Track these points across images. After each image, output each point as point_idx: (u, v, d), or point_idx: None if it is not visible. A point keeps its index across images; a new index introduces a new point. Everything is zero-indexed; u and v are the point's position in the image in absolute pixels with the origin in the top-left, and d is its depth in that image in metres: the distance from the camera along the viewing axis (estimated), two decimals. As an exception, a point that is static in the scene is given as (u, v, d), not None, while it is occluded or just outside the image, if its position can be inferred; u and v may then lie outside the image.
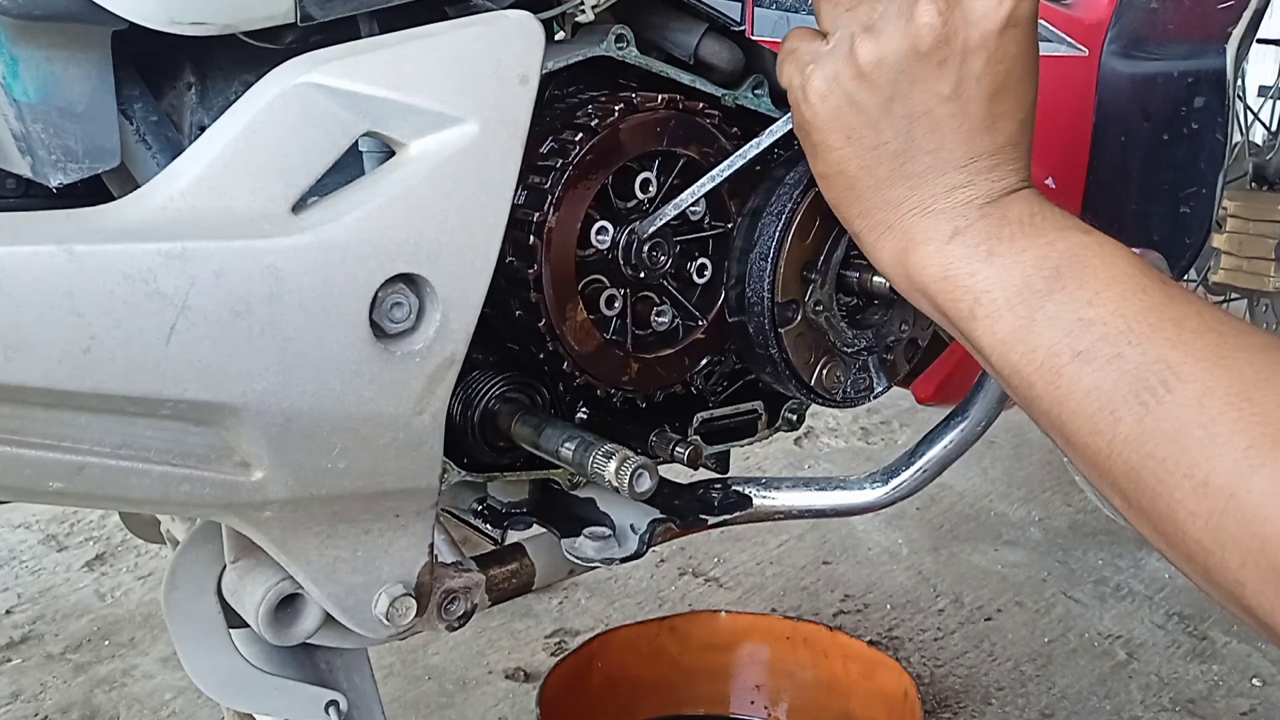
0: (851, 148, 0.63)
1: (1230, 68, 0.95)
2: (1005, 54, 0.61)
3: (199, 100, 0.69)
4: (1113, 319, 0.54)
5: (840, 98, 0.63)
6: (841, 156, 0.64)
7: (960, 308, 0.60)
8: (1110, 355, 0.53)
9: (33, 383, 0.50)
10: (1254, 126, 2.86)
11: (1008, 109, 0.62)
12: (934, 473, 0.88)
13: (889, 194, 0.63)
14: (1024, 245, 0.59)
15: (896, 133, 0.62)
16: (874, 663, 1.56)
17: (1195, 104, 0.96)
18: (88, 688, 1.77)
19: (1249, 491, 0.47)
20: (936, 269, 0.61)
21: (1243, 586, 0.47)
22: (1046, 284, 0.56)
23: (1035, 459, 2.61)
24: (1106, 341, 0.53)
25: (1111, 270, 0.56)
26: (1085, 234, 0.59)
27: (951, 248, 0.61)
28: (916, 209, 0.62)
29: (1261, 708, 1.72)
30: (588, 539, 0.79)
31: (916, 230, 0.62)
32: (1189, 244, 0.98)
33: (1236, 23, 0.96)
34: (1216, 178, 0.96)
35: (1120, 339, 0.53)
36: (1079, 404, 0.54)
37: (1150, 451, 0.51)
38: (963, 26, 0.60)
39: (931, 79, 0.61)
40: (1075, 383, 0.54)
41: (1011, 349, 0.57)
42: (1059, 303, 0.56)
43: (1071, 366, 0.54)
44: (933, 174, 0.62)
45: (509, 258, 0.70)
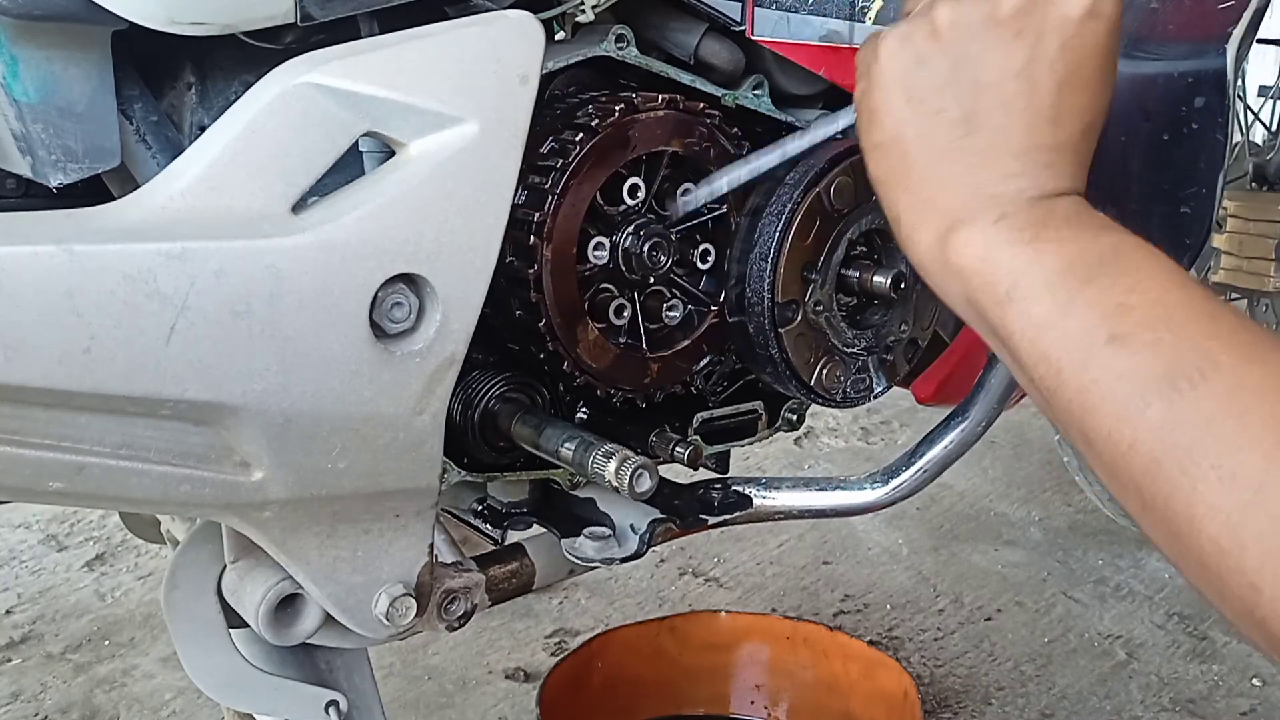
0: (912, 110, 0.63)
1: (1230, 68, 0.95)
2: (1082, 44, 0.60)
3: (199, 100, 0.69)
4: (1153, 307, 0.53)
5: (910, 56, 0.62)
6: (900, 120, 0.63)
7: (997, 290, 0.59)
8: (1148, 340, 0.52)
9: (33, 383, 0.50)
10: (1254, 126, 2.86)
11: (1076, 106, 0.61)
12: (934, 473, 0.88)
13: (941, 170, 0.62)
14: (1068, 235, 0.58)
15: (960, 100, 0.61)
16: (874, 663, 1.55)
17: (1195, 104, 0.96)
18: (88, 688, 1.77)
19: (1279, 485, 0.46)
20: (977, 250, 0.60)
21: (1258, 593, 0.46)
22: (1088, 271, 0.56)
23: (1035, 459, 2.61)
24: (1145, 327, 0.53)
25: (1153, 265, 0.56)
26: (1131, 235, 0.58)
27: (996, 230, 0.60)
28: (966, 190, 0.62)
29: (1261, 708, 1.72)
30: (588, 539, 0.79)
31: (963, 211, 0.61)
32: (1189, 244, 0.98)
33: (1236, 23, 0.96)
34: (1216, 178, 0.96)
35: (1160, 325, 0.52)
36: (1109, 389, 0.53)
37: (1177, 440, 0.50)
38: (1045, 2, 0.60)
39: (1005, 49, 0.60)
40: (1109, 367, 0.53)
41: (1044, 333, 0.56)
42: (1100, 288, 0.55)
43: (1107, 350, 0.53)
44: (990, 155, 0.61)
45: (509, 258, 0.70)
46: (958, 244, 0.61)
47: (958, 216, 0.62)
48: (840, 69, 0.83)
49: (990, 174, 0.61)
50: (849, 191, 0.77)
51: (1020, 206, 0.60)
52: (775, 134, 0.84)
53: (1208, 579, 0.49)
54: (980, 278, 0.60)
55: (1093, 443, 0.54)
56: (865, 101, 0.65)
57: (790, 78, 0.83)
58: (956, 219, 0.62)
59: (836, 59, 0.83)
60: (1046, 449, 2.58)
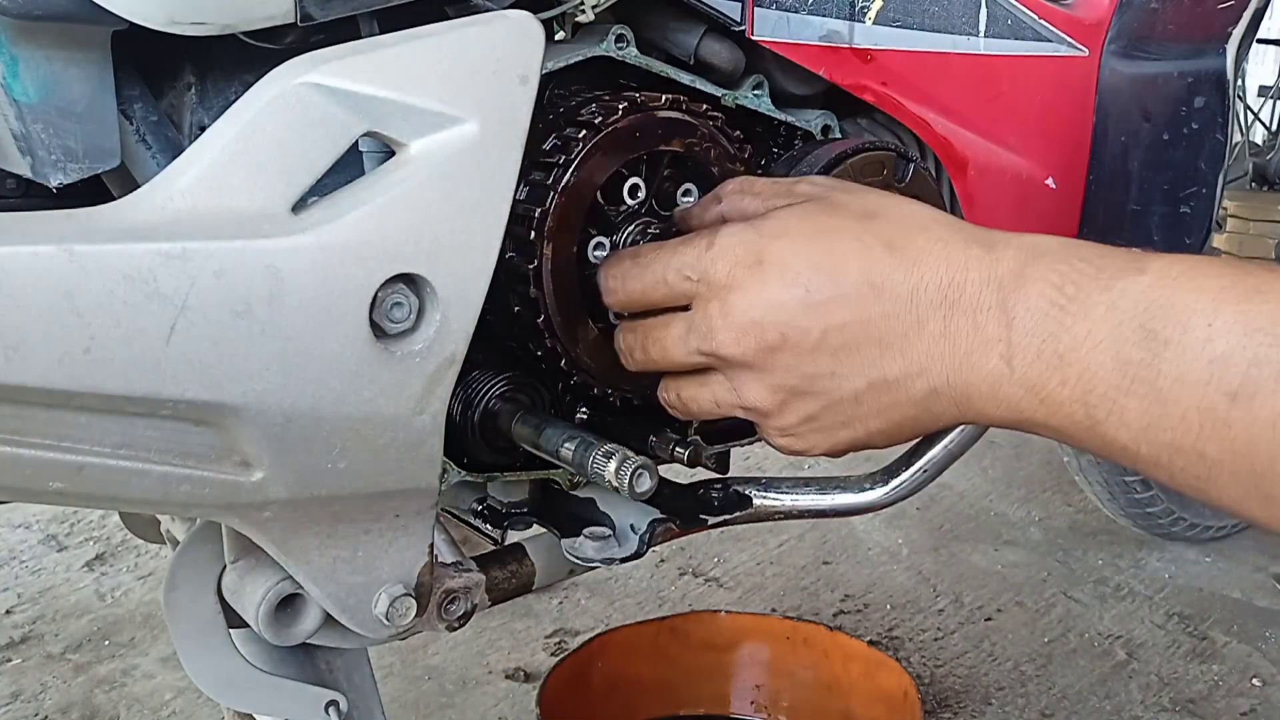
0: (825, 393, 0.61)
1: (1230, 68, 0.95)
2: (788, 290, 0.59)
3: (199, 100, 0.69)
4: (1242, 340, 0.47)
5: (788, 390, 0.61)
6: (820, 412, 0.62)
7: (1075, 421, 0.53)
8: (1275, 375, 0.46)
9: (33, 383, 0.50)
10: (1254, 126, 2.86)
11: (849, 288, 0.58)
12: (934, 473, 0.88)
13: (884, 395, 0.60)
14: (1087, 329, 0.52)
15: (844, 357, 0.59)
16: (874, 663, 1.55)
17: (1195, 104, 0.96)
18: (88, 688, 1.77)
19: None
20: (1014, 407, 0.56)
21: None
22: (1145, 349, 0.50)
23: (1035, 459, 2.61)
24: (1256, 366, 0.47)
25: (1199, 295, 0.49)
26: (1138, 273, 0.51)
27: (1013, 385, 0.55)
28: (938, 373, 0.58)
29: (1261, 708, 1.72)
30: (588, 539, 0.79)
31: (957, 390, 0.58)
32: (1189, 244, 0.98)
33: (1236, 23, 0.96)
34: (1216, 178, 0.96)
35: (1275, 353, 0.46)
36: (1271, 442, 0.47)
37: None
38: (742, 317, 0.60)
39: (797, 338, 0.59)
40: (1252, 424, 0.47)
41: (1156, 432, 0.50)
42: (1175, 360, 0.49)
43: (1237, 410, 0.47)
44: (908, 335, 0.58)
45: (509, 254, 0.70)
46: (987, 414, 0.57)
47: (961, 395, 0.58)
48: (840, 69, 0.83)
49: (934, 352, 0.57)
50: (849, 191, 0.77)
51: (1008, 342, 0.55)
52: (775, 134, 0.85)
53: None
54: (1048, 419, 0.55)
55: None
56: (802, 432, 0.64)
57: (790, 78, 0.83)
58: (964, 396, 0.57)
59: (836, 59, 0.83)
60: (1047, 449, 2.58)
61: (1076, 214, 1.03)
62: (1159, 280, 0.50)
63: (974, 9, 0.90)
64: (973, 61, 0.91)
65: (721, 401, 0.65)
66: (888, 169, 0.79)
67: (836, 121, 0.85)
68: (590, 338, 0.73)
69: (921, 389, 0.59)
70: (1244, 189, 2.84)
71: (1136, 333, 0.50)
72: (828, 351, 0.59)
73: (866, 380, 0.59)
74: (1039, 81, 0.96)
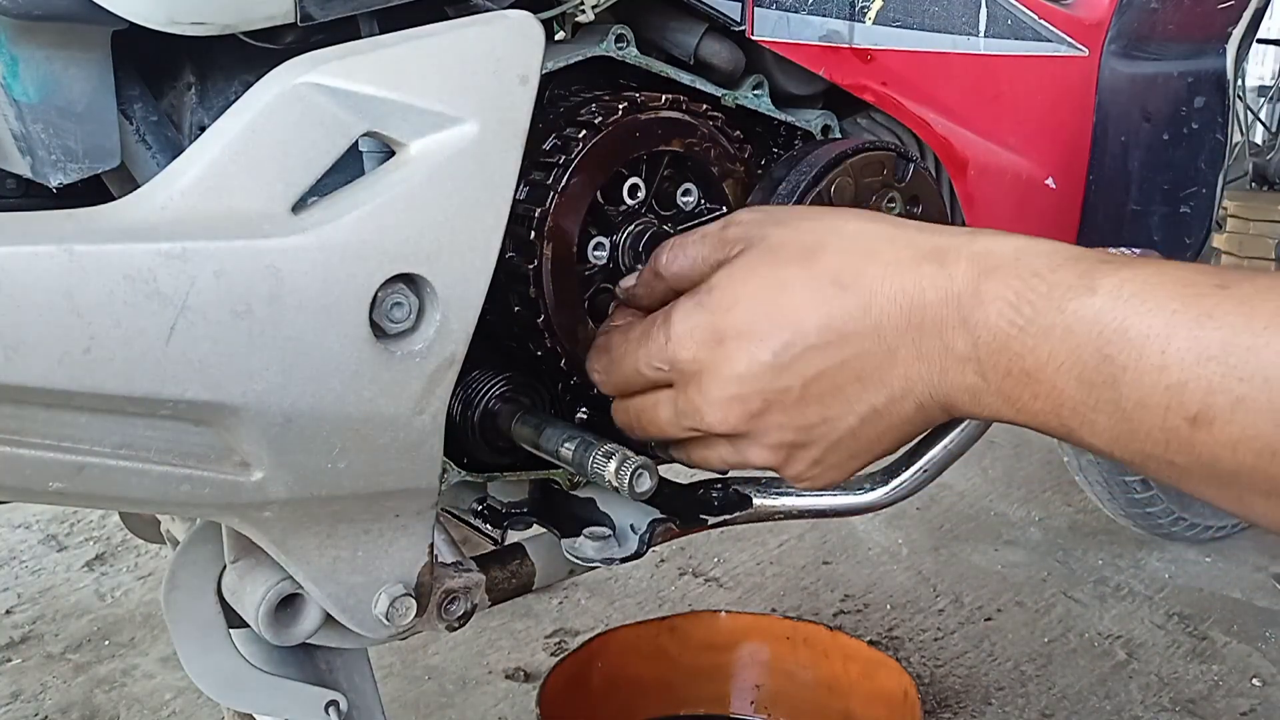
0: (822, 435, 0.62)
1: (1230, 68, 0.95)
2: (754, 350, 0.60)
3: (199, 100, 0.69)
4: (1195, 370, 0.47)
5: (788, 445, 0.62)
6: (822, 448, 0.62)
7: (1053, 428, 0.54)
8: (1230, 402, 0.46)
9: (33, 383, 0.50)
10: (1254, 126, 2.86)
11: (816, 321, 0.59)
12: (934, 473, 0.88)
13: (872, 426, 0.61)
14: (1048, 350, 0.52)
15: (830, 401, 0.60)
16: (874, 663, 1.55)
17: (1195, 104, 0.96)
18: (88, 688, 1.77)
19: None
20: (996, 413, 0.56)
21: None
22: (1104, 373, 0.50)
23: (1035, 459, 2.61)
24: (1211, 394, 0.47)
25: (1150, 319, 0.49)
26: (1089, 293, 0.51)
27: (991, 396, 0.56)
28: (921, 391, 0.59)
29: (1261, 708, 1.72)
30: (588, 539, 0.79)
31: (941, 402, 0.58)
32: (1189, 244, 0.98)
33: (1236, 23, 0.96)
34: (1216, 178, 0.96)
35: (1228, 383, 0.46)
36: (1232, 460, 0.47)
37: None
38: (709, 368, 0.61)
39: (780, 390, 0.60)
40: (1214, 445, 0.48)
41: (1126, 443, 0.51)
42: (1134, 385, 0.49)
43: (1199, 434, 0.48)
44: (887, 377, 0.59)
45: (509, 253, 0.70)
46: (976, 414, 0.58)
47: (946, 404, 0.58)
48: (840, 69, 0.83)
49: (916, 377, 0.58)
50: (849, 192, 0.77)
51: (974, 364, 0.55)
52: (775, 134, 0.85)
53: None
54: (1024, 422, 0.55)
55: (1255, 491, 0.48)
56: (799, 461, 0.64)
57: (790, 78, 0.83)
58: (948, 404, 0.58)
59: (836, 59, 0.83)
60: (1046, 449, 2.58)
61: (1076, 214, 1.03)
62: (1110, 302, 0.50)
63: (974, 9, 0.90)
64: (973, 61, 0.91)
65: (729, 462, 0.66)
66: (888, 169, 0.79)
67: (836, 121, 0.85)
68: (590, 338, 0.73)
69: (910, 408, 0.60)
70: (1244, 189, 2.84)
71: (1094, 356, 0.50)
72: (813, 400, 0.60)
73: (857, 416, 0.60)
74: (1039, 81, 0.96)
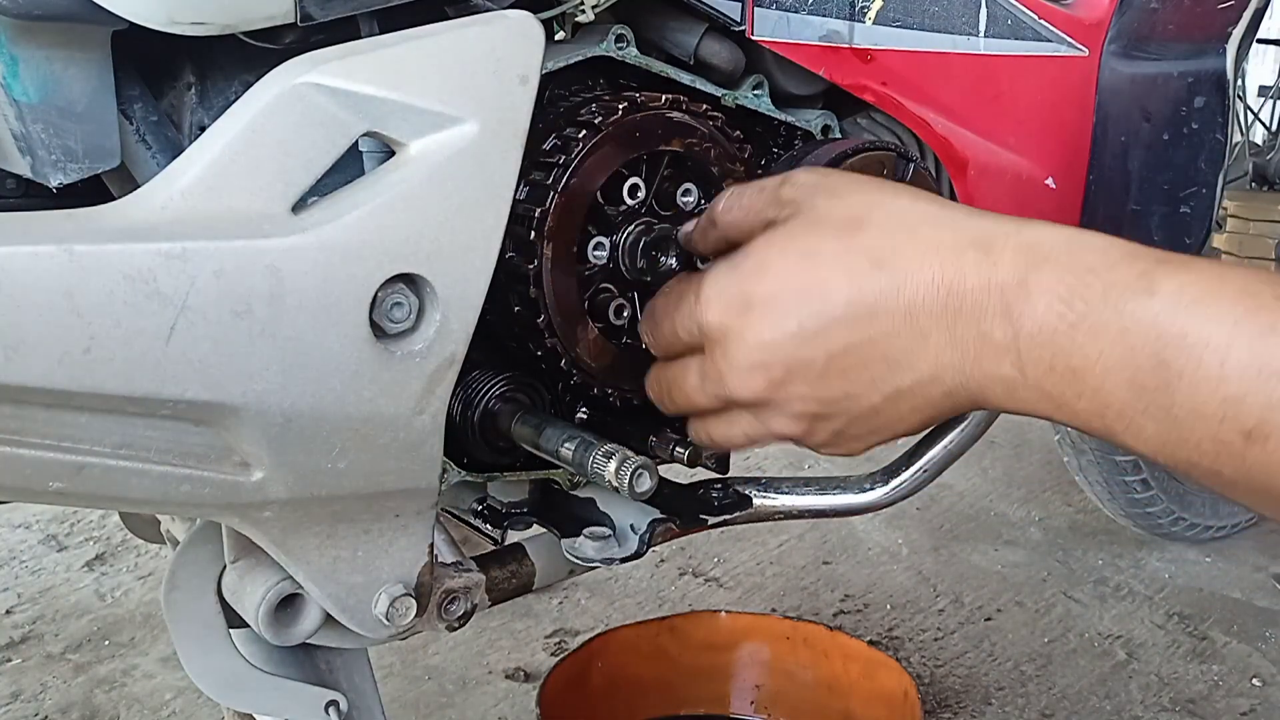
0: (851, 408, 0.61)
1: (1230, 68, 0.95)
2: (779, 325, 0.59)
3: (199, 100, 0.69)
4: (1256, 383, 0.46)
5: (810, 416, 0.62)
6: (851, 423, 0.62)
7: (1093, 428, 0.53)
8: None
9: (33, 383, 0.50)
10: (1254, 126, 2.86)
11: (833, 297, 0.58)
12: (934, 473, 0.88)
13: (897, 404, 0.60)
14: (1099, 350, 0.51)
15: (854, 377, 0.59)
16: (874, 663, 1.55)
17: (1195, 104, 0.96)
18: (88, 688, 1.77)
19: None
20: (1032, 408, 0.55)
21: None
22: (1159, 378, 0.49)
23: (1035, 459, 2.61)
24: (1271, 409, 0.46)
25: (1212, 328, 0.48)
26: (1148, 295, 0.50)
27: (1028, 390, 0.54)
28: (951, 378, 0.58)
29: (1261, 708, 1.72)
30: (588, 539, 0.79)
31: (973, 391, 0.57)
32: (1189, 244, 0.98)
33: (1236, 23, 0.96)
34: (1216, 178, 0.96)
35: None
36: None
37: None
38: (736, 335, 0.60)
39: (802, 362, 0.59)
40: (1268, 461, 0.47)
41: (1173, 450, 0.50)
42: (1189, 393, 0.48)
43: (1253, 448, 0.47)
44: (911, 344, 0.58)
45: (509, 253, 0.70)
46: (1008, 407, 0.57)
47: (976, 393, 0.57)
48: (840, 69, 0.83)
49: (947, 364, 0.57)
50: (849, 191, 0.77)
51: (1015, 361, 0.54)
52: (775, 134, 0.85)
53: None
54: (1060, 418, 0.54)
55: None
56: (832, 435, 0.63)
57: (790, 78, 0.83)
58: (979, 391, 0.57)
59: (836, 59, 0.83)
60: (1046, 449, 2.58)
61: (1076, 214, 1.03)
62: (1170, 306, 0.49)
63: (974, 9, 0.90)
64: (973, 61, 0.91)
65: (752, 435, 0.66)
66: (888, 169, 0.79)
67: (836, 121, 0.85)
68: (590, 338, 0.73)
69: (937, 392, 0.59)
70: (1244, 189, 2.84)
71: (1150, 360, 0.49)
72: (836, 374, 0.59)
73: (881, 394, 0.60)
74: (1039, 81, 0.96)
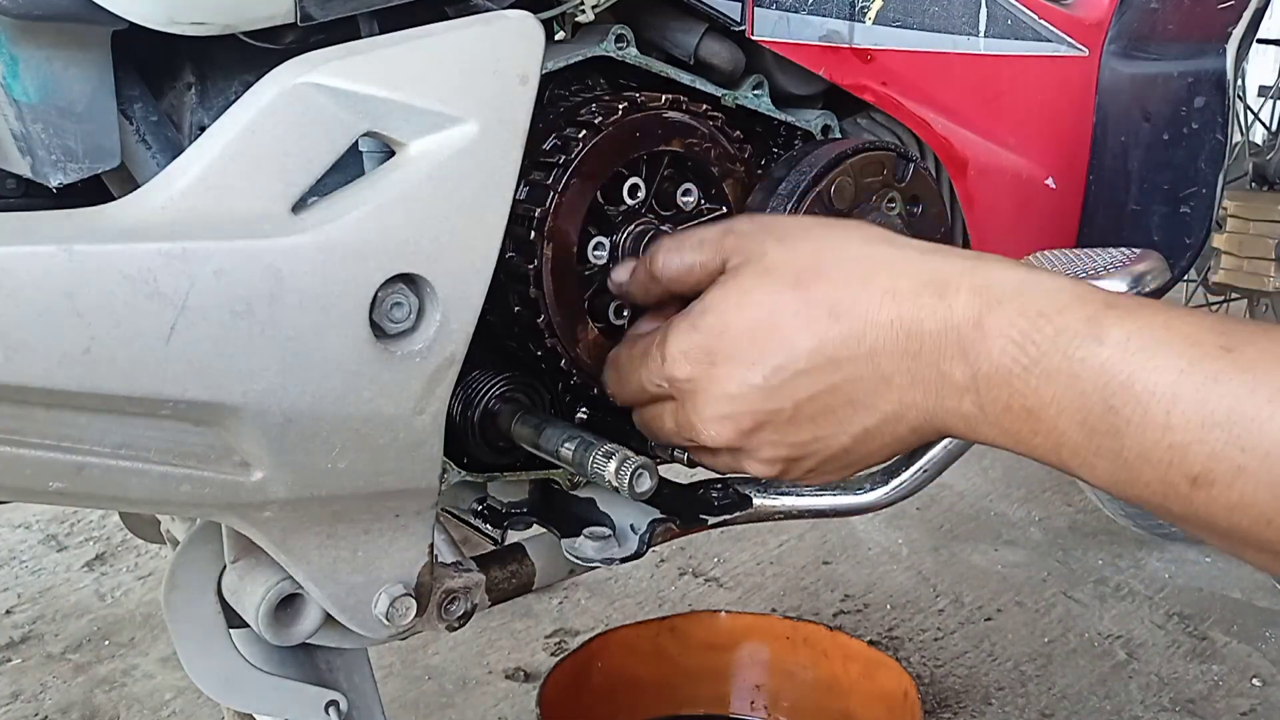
0: (819, 448, 0.63)
1: (1230, 68, 0.95)
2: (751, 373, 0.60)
3: (199, 100, 0.69)
4: (1200, 433, 0.48)
5: (783, 459, 0.63)
6: (827, 457, 0.63)
7: (1051, 462, 0.55)
8: (1232, 470, 0.47)
9: (33, 383, 0.50)
10: (1254, 126, 2.86)
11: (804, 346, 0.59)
12: (934, 473, 0.88)
13: (871, 441, 0.61)
14: (1052, 393, 0.52)
15: (822, 421, 0.61)
16: (874, 663, 1.55)
17: (1195, 104, 0.96)
18: (88, 688, 1.77)
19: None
20: (992, 442, 0.57)
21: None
22: (1108, 423, 0.51)
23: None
24: (1214, 459, 0.48)
25: (1156, 377, 0.49)
26: (1096, 343, 0.51)
27: (988, 426, 0.56)
28: (915, 416, 0.59)
29: (1261, 708, 1.72)
30: (588, 539, 0.79)
31: (936, 426, 0.59)
32: (1189, 244, 0.98)
33: (1236, 23, 0.96)
34: (1216, 178, 0.96)
35: (1230, 452, 0.47)
36: (1229, 520, 0.48)
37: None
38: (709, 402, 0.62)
39: (772, 408, 0.61)
40: (1211, 505, 0.48)
41: (1125, 488, 0.52)
42: (1137, 439, 0.50)
43: (1198, 493, 0.49)
44: (876, 407, 0.59)
45: (509, 253, 0.70)
46: (970, 439, 0.58)
47: (935, 426, 0.59)
48: (840, 69, 0.83)
49: (911, 403, 0.58)
50: (849, 192, 0.77)
51: (973, 403, 0.55)
52: (775, 134, 0.85)
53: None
54: (1019, 450, 0.56)
55: (1247, 548, 0.49)
56: (812, 466, 0.65)
57: (790, 78, 0.83)
58: (938, 426, 0.59)
59: (836, 59, 0.83)
60: (1046, 449, 2.57)
61: (1076, 214, 1.03)
62: (1118, 354, 0.51)
63: (974, 9, 0.90)
64: (973, 61, 0.91)
65: (732, 469, 0.68)
66: (888, 169, 0.79)
67: (836, 121, 0.85)
68: (590, 338, 0.73)
69: (904, 429, 0.60)
70: (1244, 189, 2.84)
71: (1100, 405, 0.51)
72: (805, 420, 0.61)
73: (850, 435, 0.61)
74: (1039, 81, 0.96)
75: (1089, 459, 0.52)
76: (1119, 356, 0.50)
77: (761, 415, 0.61)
